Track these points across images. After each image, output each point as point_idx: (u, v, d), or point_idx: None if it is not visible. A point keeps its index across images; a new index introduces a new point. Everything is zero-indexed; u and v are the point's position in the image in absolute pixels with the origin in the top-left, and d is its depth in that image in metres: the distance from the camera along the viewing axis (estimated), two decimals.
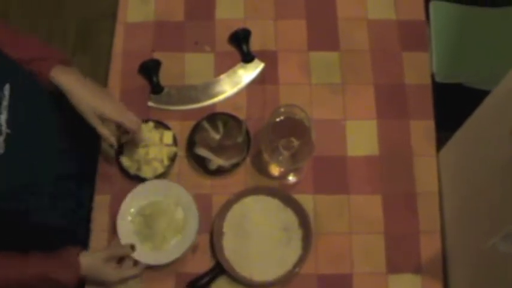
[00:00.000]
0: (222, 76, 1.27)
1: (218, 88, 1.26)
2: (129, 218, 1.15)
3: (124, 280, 1.10)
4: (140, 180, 1.17)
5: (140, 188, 1.16)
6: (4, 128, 0.94)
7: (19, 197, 0.99)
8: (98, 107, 1.02)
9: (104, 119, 1.04)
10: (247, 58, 1.28)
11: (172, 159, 1.18)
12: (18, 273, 0.99)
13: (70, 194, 1.16)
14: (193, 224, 1.13)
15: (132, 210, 1.15)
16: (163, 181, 1.18)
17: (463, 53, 1.52)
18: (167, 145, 1.19)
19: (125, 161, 1.18)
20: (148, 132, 1.18)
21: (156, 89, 1.25)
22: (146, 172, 1.17)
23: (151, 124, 1.20)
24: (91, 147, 1.22)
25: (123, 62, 1.29)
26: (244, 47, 1.28)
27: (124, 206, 1.15)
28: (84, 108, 1.02)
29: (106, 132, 1.04)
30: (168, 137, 1.19)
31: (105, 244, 1.15)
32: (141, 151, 1.17)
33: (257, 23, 1.31)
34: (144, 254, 1.12)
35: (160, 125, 1.21)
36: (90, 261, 1.06)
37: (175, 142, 1.20)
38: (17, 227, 0.99)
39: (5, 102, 0.94)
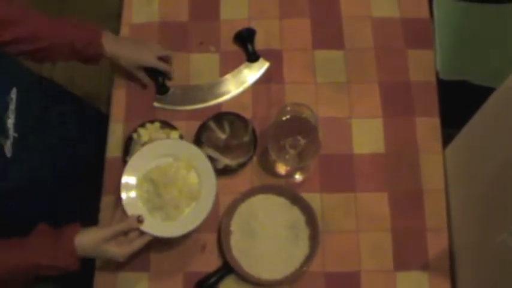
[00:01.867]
0: (227, 76, 1.28)
1: (223, 88, 1.27)
2: (135, 184, 1.03)
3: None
4: None
5: (145, 150, 1.04)
6: (12, 132, 0.94)
7: (27, 197, 0.99)
8: (136, 60, 1.21)
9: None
10: (252, 57, 1.28)
11: None
12: (12, 265, 0.94)
13: (78, 194, 1.16)
14: (209, 189, 1.02)
15: (137, 176, 1.03)
16: (172, 140, 1.07)
17: (467, 50, 1.52)
18: None
19: None
20: (155, 132, 1.18)
21: (162, 89, 1.26)
22: None
23: (157, 124, 1.20)
24: (99, 147, 1.22)
25: None
26: (249, 47, 1.28)
27: (128, 171, 1.02)
28: (127, 64, 1.20)
29: (145, 75, 1.25)
30: (174, 137, 1.19)
31: None
32: None
33: (262, 22, 1.31)
34: (155, 226, 0.99)
35: (167, 125, 1.21)
36: (87, 242, 0.97)
37: None
38: (23, 226, 0.99)
39: (12, 106, 0.95)
